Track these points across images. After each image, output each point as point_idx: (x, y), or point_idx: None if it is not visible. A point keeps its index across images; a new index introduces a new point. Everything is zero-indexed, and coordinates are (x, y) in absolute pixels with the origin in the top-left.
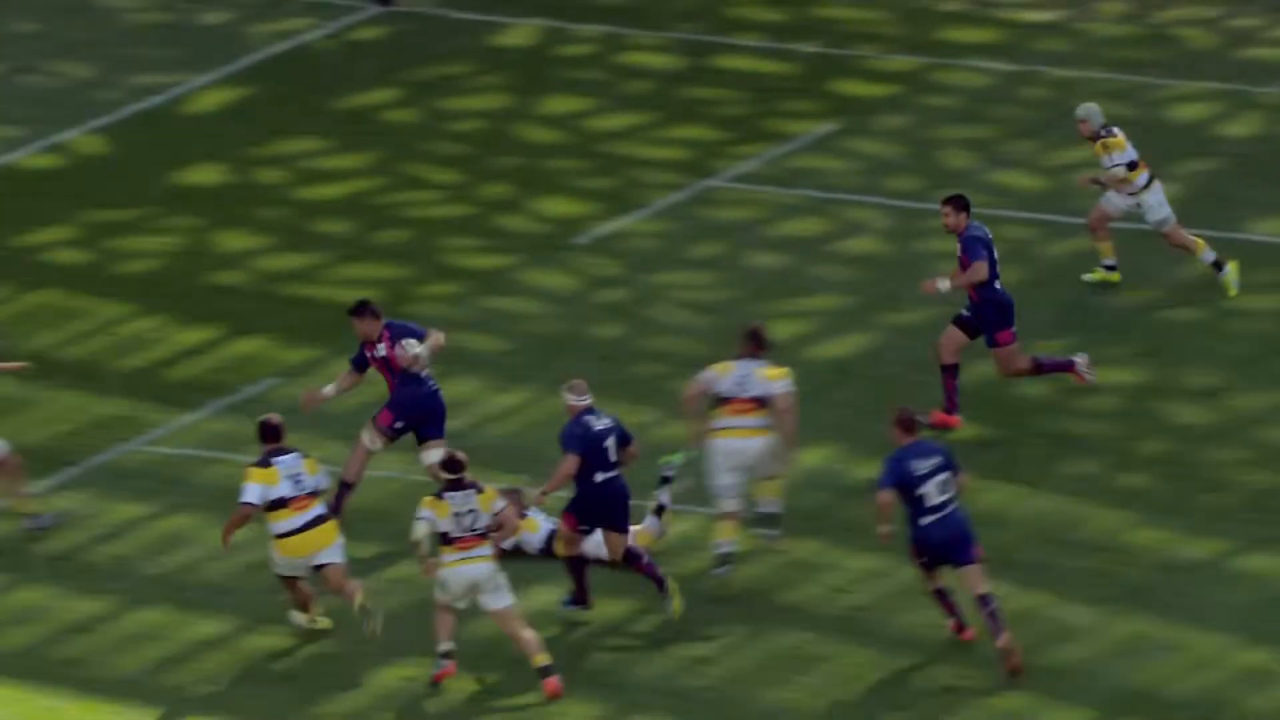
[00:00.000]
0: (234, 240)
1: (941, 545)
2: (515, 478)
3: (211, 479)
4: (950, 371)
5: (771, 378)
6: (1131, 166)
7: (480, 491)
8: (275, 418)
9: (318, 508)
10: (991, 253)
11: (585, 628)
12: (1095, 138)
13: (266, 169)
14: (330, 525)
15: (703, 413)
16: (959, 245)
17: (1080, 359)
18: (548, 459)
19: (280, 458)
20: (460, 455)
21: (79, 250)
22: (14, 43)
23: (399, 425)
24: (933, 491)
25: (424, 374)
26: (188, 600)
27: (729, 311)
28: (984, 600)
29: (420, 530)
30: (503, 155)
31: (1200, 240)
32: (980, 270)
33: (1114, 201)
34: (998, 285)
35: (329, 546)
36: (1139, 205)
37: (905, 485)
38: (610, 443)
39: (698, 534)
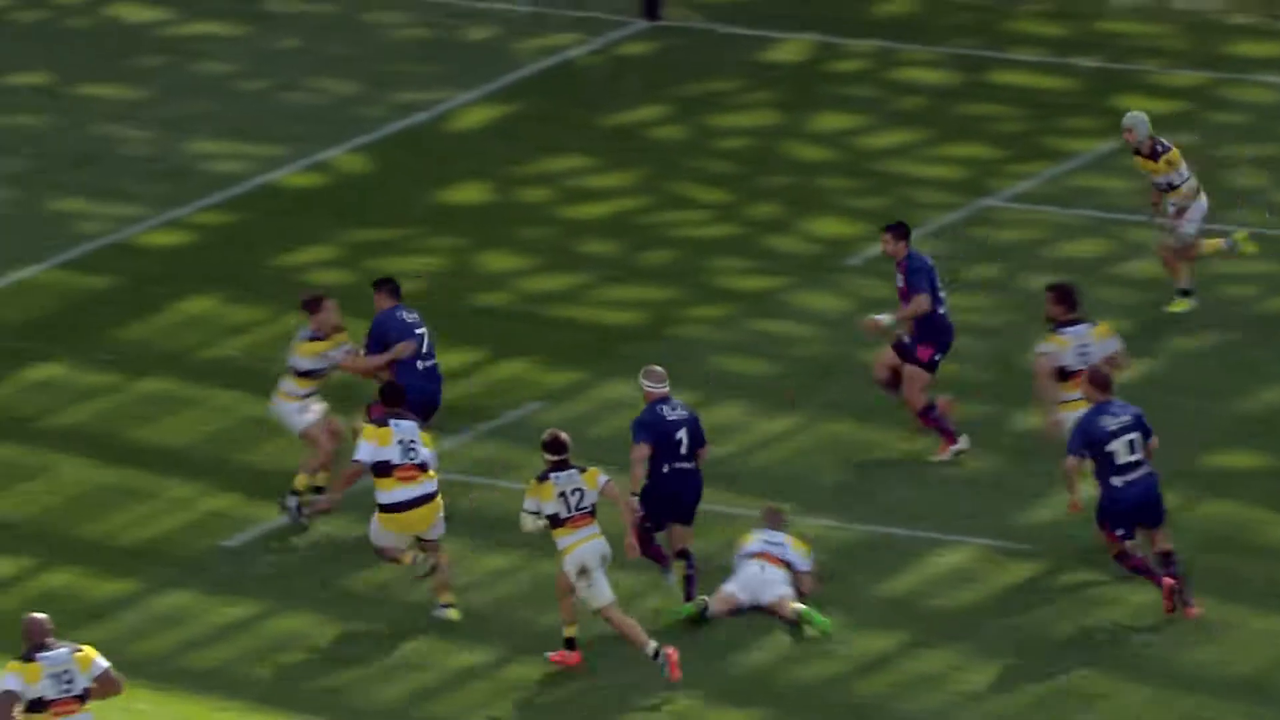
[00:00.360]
0: (497, 260)
1: (1135, 507)
2: (780, 504)
3: (479, 504)
4: (926, 412)
5: (1105, 335)
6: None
7: (584, 471)
8: (396, 383)
9: (427, 484)
10: (934, 282)
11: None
12: (1151, 153)
13: (530, 188)
14: (437, 504)
15: (1054, 391)
16: (899, 275)
17: (962, 441)
18: (817, 486)
19: (399, 422)
20: (563, 435)
21: (340, 270)
22: (277, 60)
23: None
24: (1121, 450)
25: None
26: (449, 628)
27: (1007, 335)
28: (1167, 556)
29: (528, 523)
30: (772, 174)
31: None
32: (923, 303)
33: (1186, 229)
34: (941, 311)
35: (435, 523)
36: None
37: (1094, 443)
38: (683, 435)
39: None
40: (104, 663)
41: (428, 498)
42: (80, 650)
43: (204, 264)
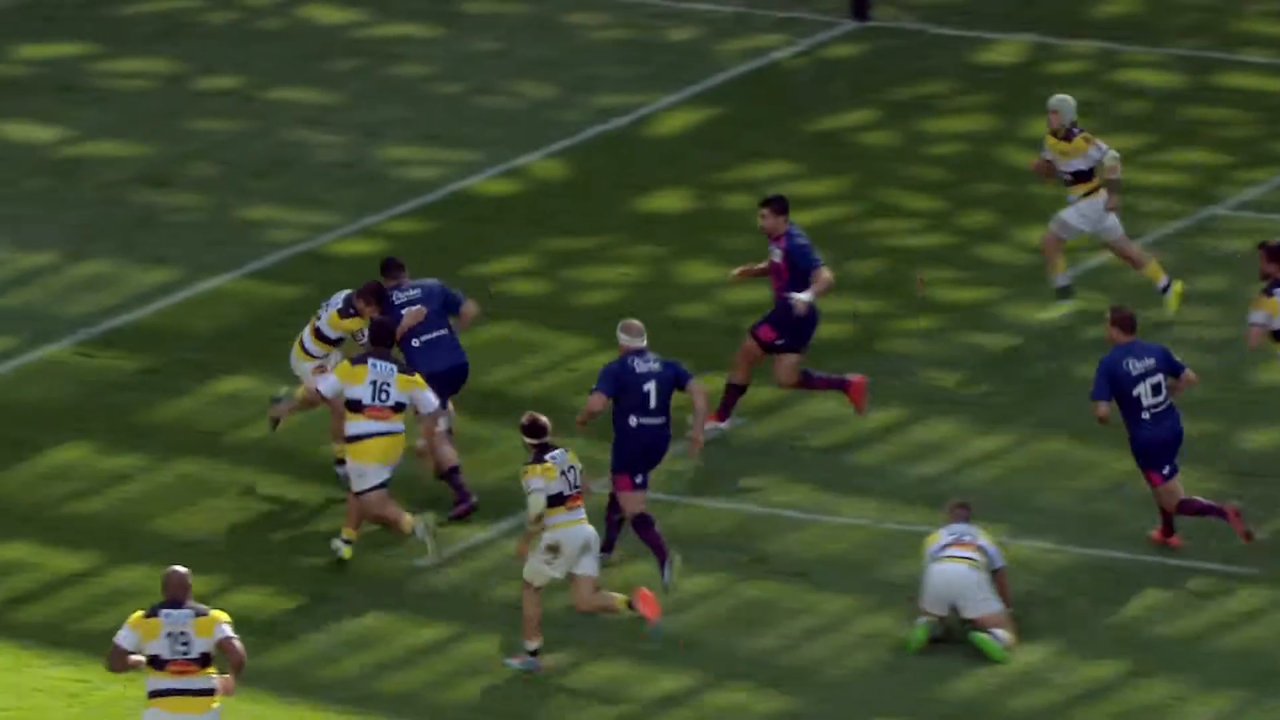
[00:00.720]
0: (697, 271)
1: (1161, 445)
2: (995, 526)
3: (675, 524)
4: (807, 381)
5: None
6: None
7: (567, 451)
8: (389, 321)
9: (395, 423)
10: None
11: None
12: (1067, 137)
13: (733, 194)
14: (402, 440)
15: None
16: (779, 251)
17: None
18: (1033, 508)
19: (376, 362)
20: (543, 418)
21: (536, 280)
22: (473, 62)
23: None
24: (1147, 392)
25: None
26: (650, 653)
27: (1235, 351)
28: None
29: (540, 505)
30: (985, 181)
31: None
32: (829, 276)
33: (1079, 218)
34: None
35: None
36: (1080, 213)
37: (1119, 386)
38: (650, 387)
39: None
40: (228, 630)
41: (396, 432)
42: (205, 614)
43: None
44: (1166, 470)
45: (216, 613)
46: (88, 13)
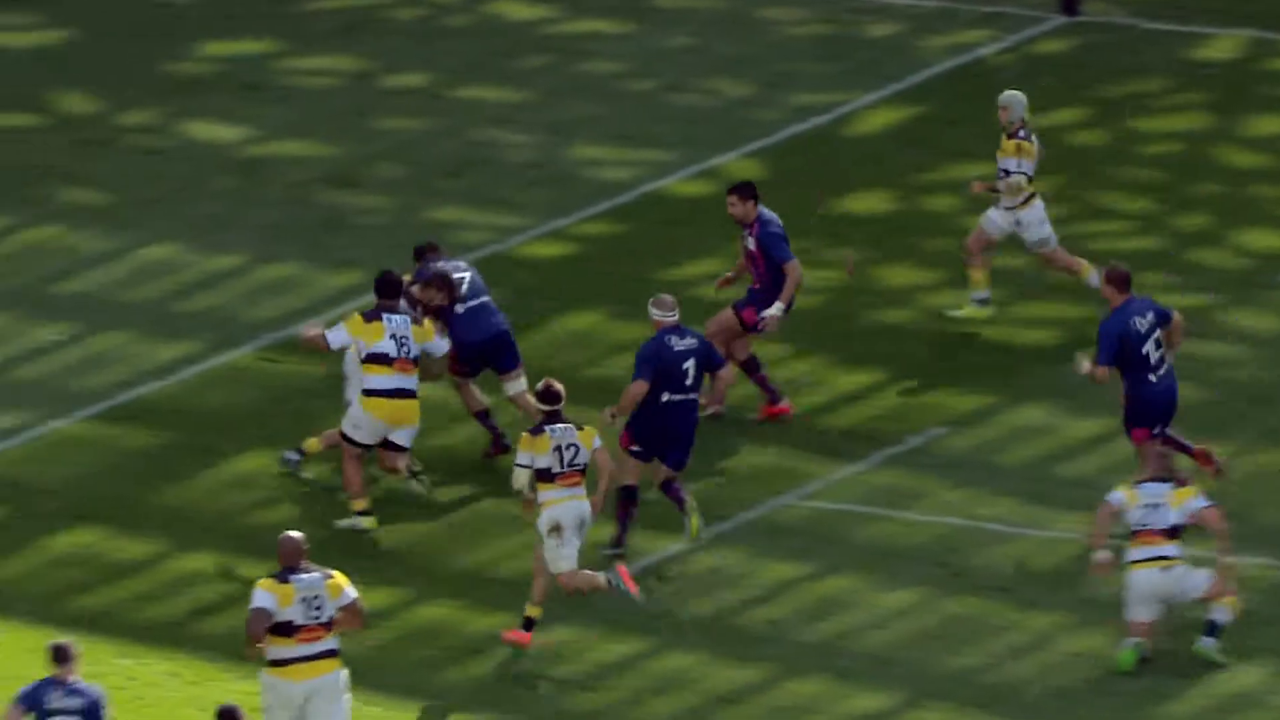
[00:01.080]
0: (899, 274)
1: (1166, 404)
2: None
3: (873, 537)
4: (748, 366)
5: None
6: (1030, 179)
7: (580, 428)
8: (393, 274)
9: (413, 378)
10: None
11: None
12: (1013, 134)
13: (936, 196)
14: (415, 405)
15: None
16: (751, 240)
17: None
18: (1252, 522)
19: (390, 316)
20: (557, 385)
21: (731, 286)
22: (666, 59)
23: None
24: (1153, 349)
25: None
26: (846, 670)
27: None
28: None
29: (521, 479)
30: (1201, 182)
31: (1084, 261)
32: (797, 274)
33: (994, 220)
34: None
35: (413, 426)
36: (1018, 222)
37: (1130, 347)
38: (689, 365)
39: None
40: (353, 592)
41: (414, 394)
42: (332, 576)
43: (587, 277)
44: (1158, 429)
45: (339, 575)
46: (271, 9)
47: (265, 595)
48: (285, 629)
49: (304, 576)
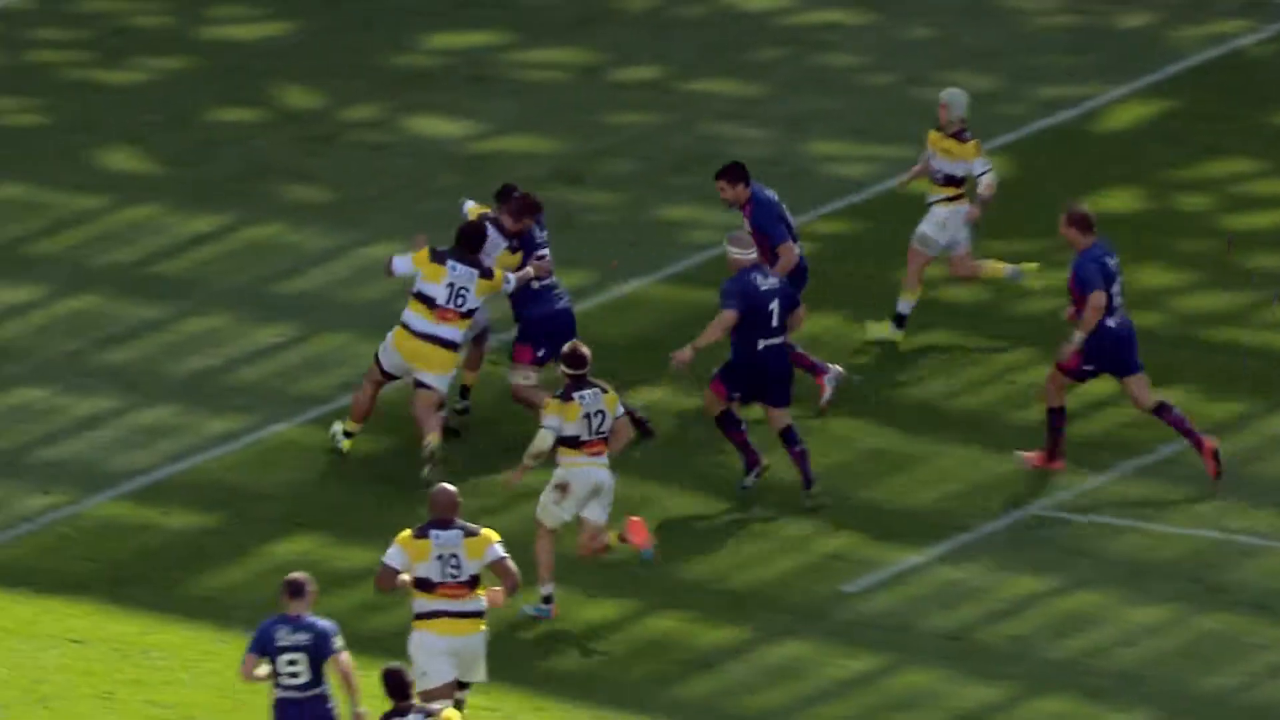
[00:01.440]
0: (1151, 276)
1: (1127, 345)
2: None
3: (1123, 550)
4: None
5: None
6: (963, 181)
7: (605, 391)
8: (482, 228)
9: (453, 329)
10: (789, 221)
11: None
12: (957, 134)
13: (1190, 194)
14: (451, 356)
15: None
16: (748, 223)
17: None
18: None
19: (457, 264)
20: (584, 349)
21: (974, 286)
22: (907, 51)
23: (541, 354)
24: (1119, 290)
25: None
26: (1095, 689)
27: None
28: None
29: (546, 442)
30: None
31: (990, 262)
32: (793, 253)
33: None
34: (797, 251)
35: (438, 372)
36: (935, 218)
37: (1107, 281)
38: (775, 306)
39: None
40: (501, 550)
41: (446, 344)
42: (477, 534)
43: (823, 278)
44: (1091, 369)
45: (487, 531)
46: (502, 0)
47: (396, 551)
48: (424, 585)
49: (443, 533)
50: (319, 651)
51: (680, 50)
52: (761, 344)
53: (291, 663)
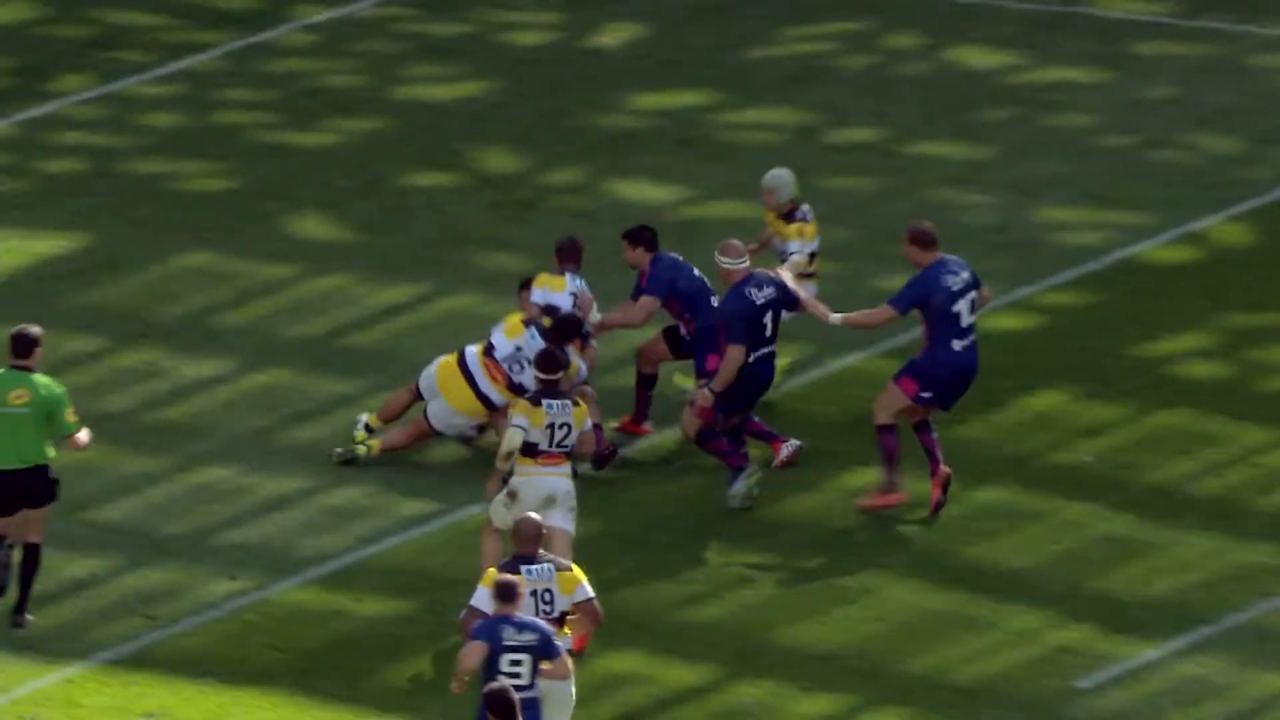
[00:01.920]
0: None
1: (963, 376)
2: None
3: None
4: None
5: None
6: (813, 257)
7: (577, 404)
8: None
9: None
10: (693, 293)
11: None
12: (786, 215)
13: None
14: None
15: None
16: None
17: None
18: None
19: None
20: (560, 353)
21: (1216, 362)
22: (1146, 111)
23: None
24: (965, 311)
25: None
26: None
27: None
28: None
29: (516, 440)
30: None
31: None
32: (638, 312)
33: None
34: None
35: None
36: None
37: (937, 302)
38: (768, 318)
39: None
40: (589, 590)
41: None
42: (568, 569)
43: (1054, 352)
44: (930, 396)
45: (575, 568)
46: (712, 58)
47: (483, 592)
48: None
49: (534, 567)
50: (545, 653)
51: (901, 110)
52: (753, 356)
53: (515, 663)
